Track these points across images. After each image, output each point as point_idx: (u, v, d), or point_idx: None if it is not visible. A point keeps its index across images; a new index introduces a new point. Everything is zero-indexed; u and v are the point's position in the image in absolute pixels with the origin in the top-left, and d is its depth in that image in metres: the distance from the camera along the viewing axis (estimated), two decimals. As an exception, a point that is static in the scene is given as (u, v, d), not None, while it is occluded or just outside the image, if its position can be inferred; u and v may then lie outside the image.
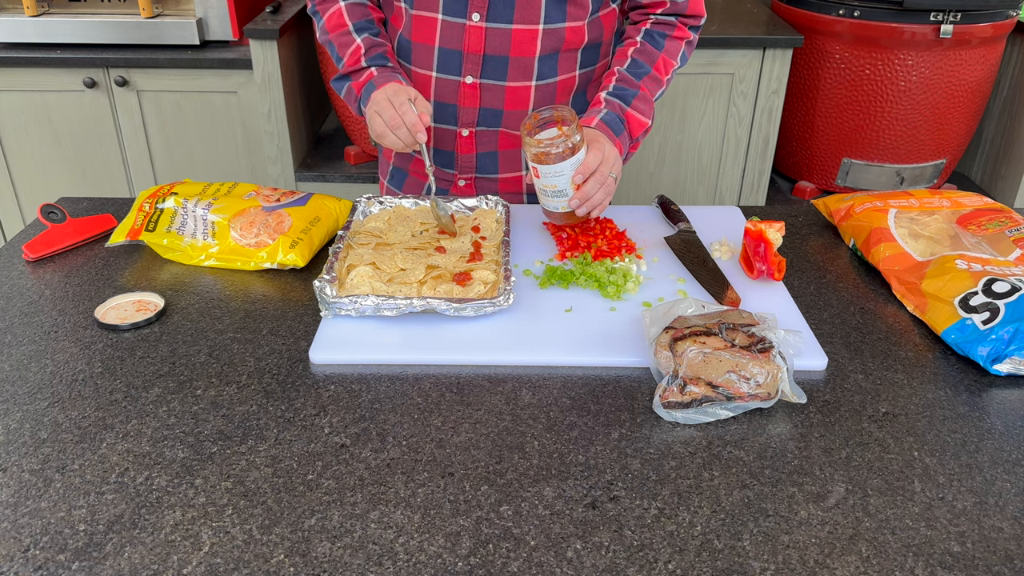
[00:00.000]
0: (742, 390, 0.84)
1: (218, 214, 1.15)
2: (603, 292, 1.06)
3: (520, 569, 0.67)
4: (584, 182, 1.10)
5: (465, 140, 1.28)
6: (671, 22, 1.26)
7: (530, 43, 1.18)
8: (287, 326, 1.01)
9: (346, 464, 0.79)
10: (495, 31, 1.17)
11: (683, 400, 0.85)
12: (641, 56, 1.24)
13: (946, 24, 2.14)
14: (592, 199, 1.11)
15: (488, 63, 1.20)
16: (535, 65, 1.21)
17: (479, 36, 1.18)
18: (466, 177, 1.33)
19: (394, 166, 1.41)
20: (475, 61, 1.20)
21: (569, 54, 1.23)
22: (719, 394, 0.84)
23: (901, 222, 1.16)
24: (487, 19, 1.16)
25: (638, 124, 1.22)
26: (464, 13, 1.17)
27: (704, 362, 0.85)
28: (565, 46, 1.21)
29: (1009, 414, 0.87)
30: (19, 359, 0.94)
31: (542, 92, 1.24)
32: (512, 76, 1.21)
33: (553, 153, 1.08)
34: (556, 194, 1.12)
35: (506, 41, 1.18)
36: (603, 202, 1.13)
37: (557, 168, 1.09)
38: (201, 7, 2.31)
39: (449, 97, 1.24)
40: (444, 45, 1.20)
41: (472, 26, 1.17)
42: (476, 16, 1.16)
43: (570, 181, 1.10)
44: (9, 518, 0.72)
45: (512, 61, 1.20)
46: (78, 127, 2.41)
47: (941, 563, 0.69)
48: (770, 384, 0.85)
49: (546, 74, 1.23)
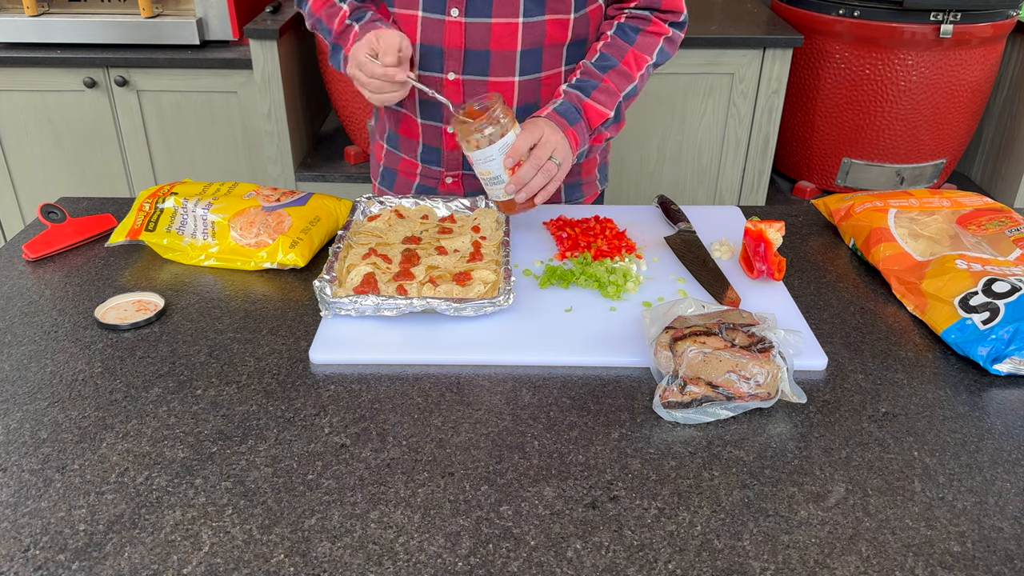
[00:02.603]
0: (742, 390, 0.84)
1: (218, 214, 1.15)
2: (603, 292, 1.06)
3: (520, 569, 0.67)
4: (517, 166, 1.09)
5: (451, 136, 1.28)
6: (645, 16, 1.24)
7: (510, 37, 1.18)
8: (287, 326, 1.01)
9: (346, 464, 0.79)
10: (474, 25, 1.17)
11: (683, 400, 0.85)
12: (609, 50, 1.22)
13: (946, 24, 2.14)
14: (530, 184, 1.10)
15: (470, 58, 1.19)
16: (517, 60, 1.20)
17: (459, 31, 1.17)
18: (453, 174, 1.33)
19: (384, 167, 1.41)
20: (456, 57, 1.19)
21: (553, 49, 1.22)
22: (719, 394, 0.84)
23: (901, 222, 1.16)
24: (466, 14, 1.16)
25: (597, 114, 1.19)
26: (443, 9, 1.16)
27: (704, 362, 0.85)
28: (548, 40, 1.20)
29: (1009, 414, 0.87)
30: (19, 359, 0.94)
31: (526, 87, 1.23)
32: (494, 71, 1.21)
33: (474, 138, 1.07)
34: (492, 181, 1.12)
35: (486, 35, 1.17)
36: (544, 186, 1.11)
37: (487, 153, 1.08)
38: (201, 7, 2.31)
39: None
40: (425, 42, 1.19)
41: (452, 21, 1.17)
42: (455, 11, 1.16)
43: (502, 166, 1.09)
44: (9, 518, 0.72)
45: (494, 55, 1.19)
46: (78, 127, 2.41)
47: (941, 563, 0.69)
48: (770, 384, 0.85)
49: (529, 69, 1.22)
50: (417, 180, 1.35)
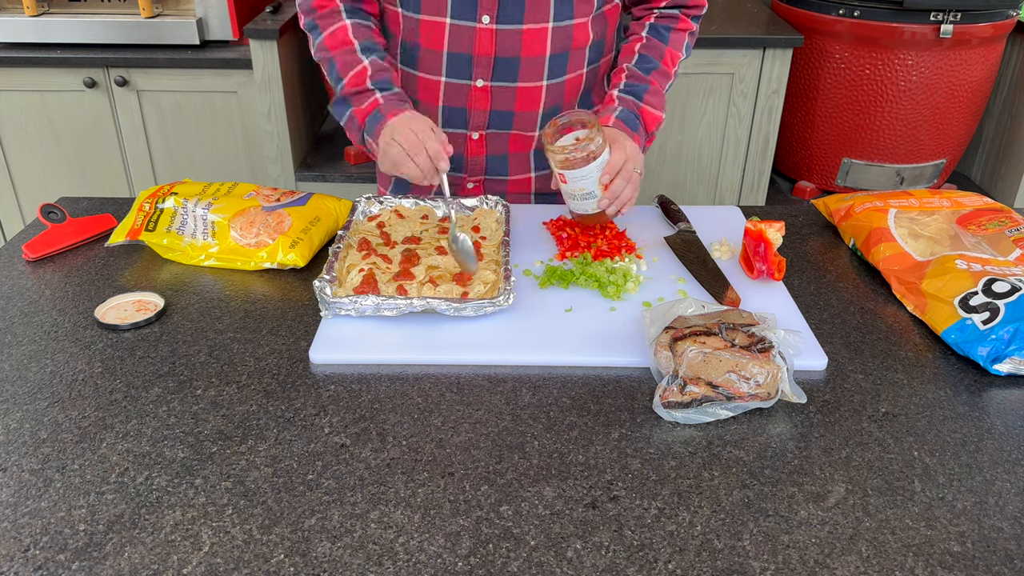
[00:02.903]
0: (742, 390, 0.84)
1: (218, 214, 1.15)
2: (603, 292, 1.06)
3: (520, 569, 0.67)
4: (611, 181, 1.12)
5: (475, 143, 1.28)
6: (674, 15, 1.27)
7: (540, 42, 1.18)
8: (287, 326, 1.01)
9: (346, 464, 0.79)
10: (506, 32, 1.16)
11: (683, 400, 0.85)
12: (648, 51, 1.25)
13: (946, 24, 2.14)
14: (621, 196, 1.13)
15: (499, 65, 1.19)
16: (546, 64, 1.21)
17: (490, 38, 1.17)
18: (475, 180, 1.33)
19: (396, 177, 1.38)
20: (486, 64, 1.19)
21: (578, 52, 1.23)
22: (719, 394, 0.84)
23: (901, 222, 1.16)
24: (497, 20, 1.16)
25: (652, 118, 1.24)
26: (474, 16, 1.16)
27: (704, 362, 0.85)
28: (574, 44, 1.21)
29: (1009, 414, 0.87)
30: (19, 359, 0.94)
31: (552, 91, 1.24)
32: (523, 77, 1.21)
33: (578, 157, 1.09)
34: (585, 196, 1.13)
35: (517, 42, 1.17)
36: (632, 197, 1.14)
37: (584, 171, 1.10)
38: (201, 7, 2.31)
39: (459, 101, 1.24)
40: (453, 49, 1.19)
41: (482, 28, 1.16)
42: (486, 18, 1.16)
43: (597, 182, 1.11)
44: (9, 518, 0.72)
45: (523, 62, 1.19)
46: (78, 127, 2.41)
47: (941, 563, 0.69)
48: (770, 384, 0.85)
49: (557, 73, 1.22)
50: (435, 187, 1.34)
